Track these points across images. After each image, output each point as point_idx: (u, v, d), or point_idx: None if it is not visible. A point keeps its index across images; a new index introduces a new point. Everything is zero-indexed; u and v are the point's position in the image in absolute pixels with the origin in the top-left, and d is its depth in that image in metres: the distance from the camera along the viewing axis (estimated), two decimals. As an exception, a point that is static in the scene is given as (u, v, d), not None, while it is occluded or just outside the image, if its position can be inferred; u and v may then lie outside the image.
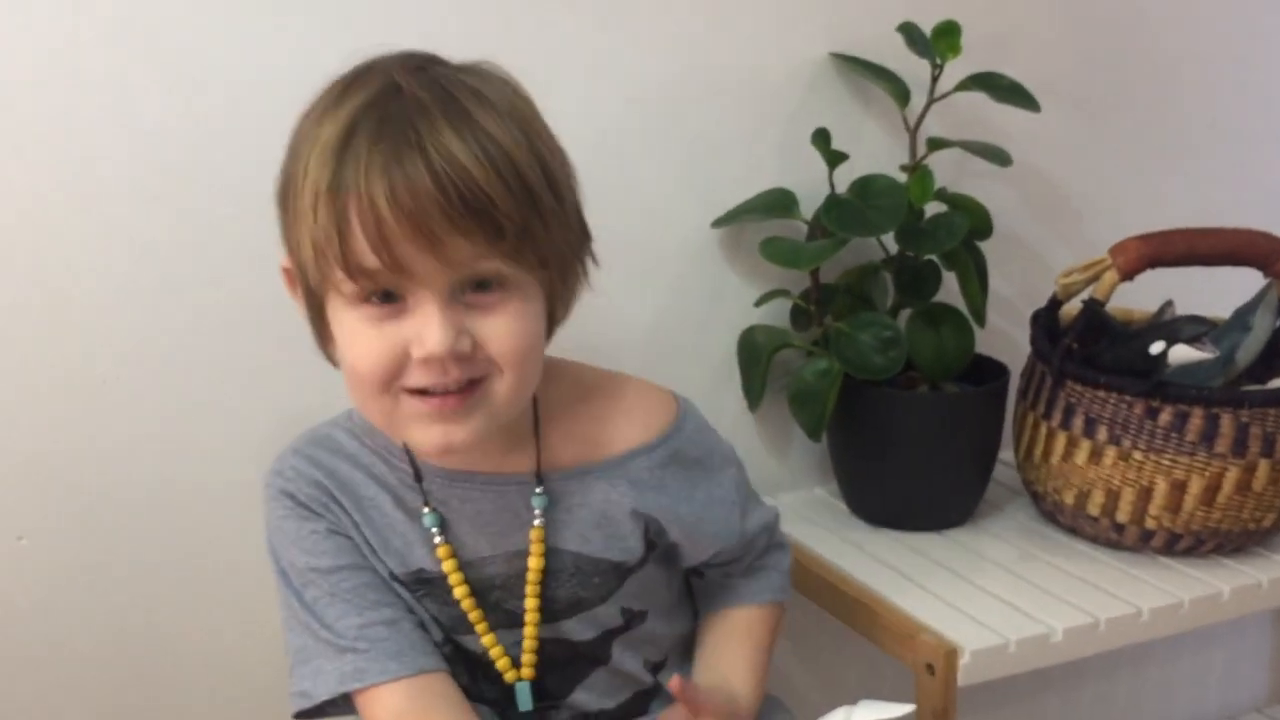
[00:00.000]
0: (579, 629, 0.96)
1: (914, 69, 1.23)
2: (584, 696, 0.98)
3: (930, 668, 1.04)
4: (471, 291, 0.80)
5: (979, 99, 1.22)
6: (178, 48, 1.04)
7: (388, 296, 0.79)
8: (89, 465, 1.09)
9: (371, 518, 0.92)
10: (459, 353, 0.79)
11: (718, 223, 1.24)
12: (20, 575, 1.09)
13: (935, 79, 1.22)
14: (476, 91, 0.80)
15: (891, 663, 1.12)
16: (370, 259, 0.76)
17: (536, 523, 0.92)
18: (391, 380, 0.80)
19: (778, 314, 1.30)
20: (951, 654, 1.04)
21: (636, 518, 0.93)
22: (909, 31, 1.21)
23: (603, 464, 0.94)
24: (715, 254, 1.28)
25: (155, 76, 1.03)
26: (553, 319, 0.89)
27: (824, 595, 1.18)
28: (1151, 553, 1.19)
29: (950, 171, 1.31)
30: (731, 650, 1.02)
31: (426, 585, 0.93)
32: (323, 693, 0.89)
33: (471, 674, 0.96)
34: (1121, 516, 1.17)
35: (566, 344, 1.08)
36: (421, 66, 0.82)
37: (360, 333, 0.80)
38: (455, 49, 0.86)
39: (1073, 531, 1.24)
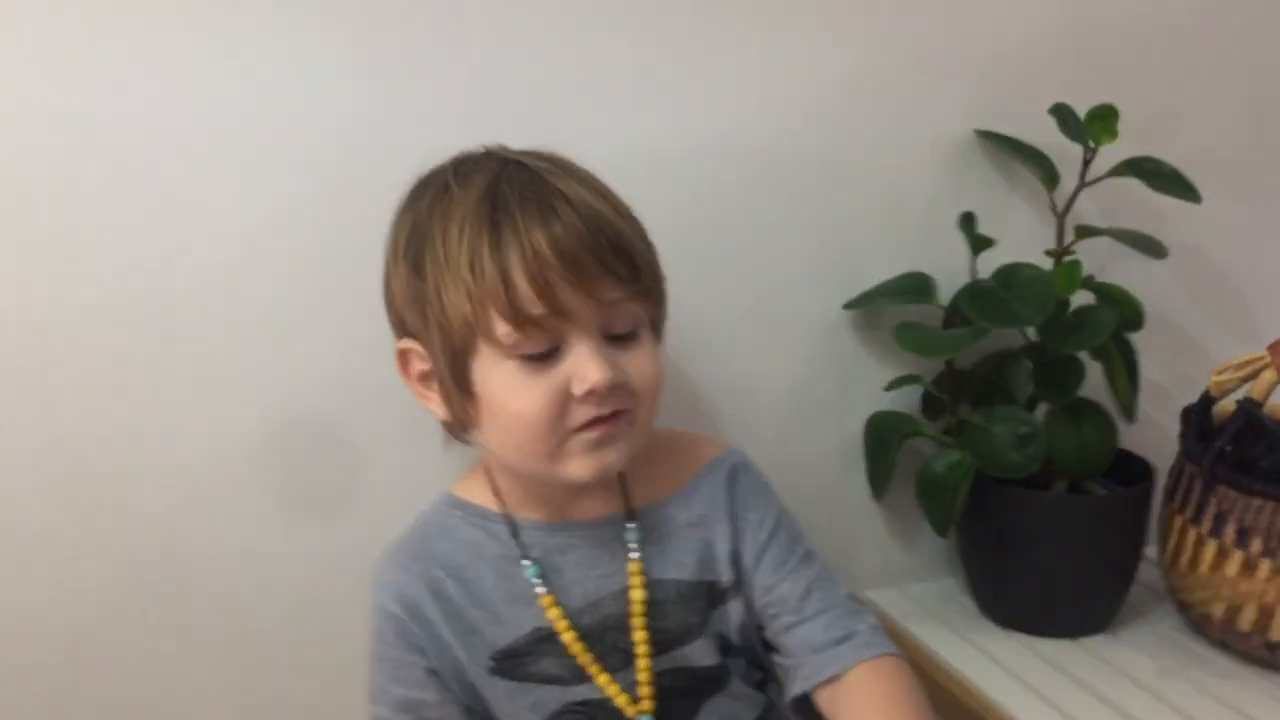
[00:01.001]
0: (697, 654, 0.98)
1: (1065, 148, 1.17)
2: None
3: (1055, 796, 0.99)
4: (612, 338, 0.89)
5: (1135, 181, 1.16)
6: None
7: (541, 356, 0.86)
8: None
9: (478, 596, 0.96)
10: (615, 383, 0.86)
11: (850, 305, 1.20)
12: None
13: (1087, 162, 1.16)
14: (564, 162, 0.91)
15: (1012, 783, 1.06)
16: (535, 305, 0.84)
17: (634, 556, 0.97)
18: (556, 421, 0.87)
19: (909, 399, 1.25)
20: (1078, 783, 0.98)
21: (720, 536, 0.99)
22: (1062, 114, 1.15)
23: (678, 494, 1.00)
24: (848, 334, 1.24)
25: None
26: None
27: (942, 702, 1.12)
28: (1308, 677, 1.11)
29: (1102, 254, 1.24)
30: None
31: (546, 642, 0.95)
32: None
33: None
34: (1275, 635, 1.09)
35: (694, 417, 1.07)
36: (516, 149, 0.92)
37: (521, 383, 0.86)
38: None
39: (1222, 646, 1.16)
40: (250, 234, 1.06)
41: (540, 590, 0.95)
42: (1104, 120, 1.12)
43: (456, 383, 0.89)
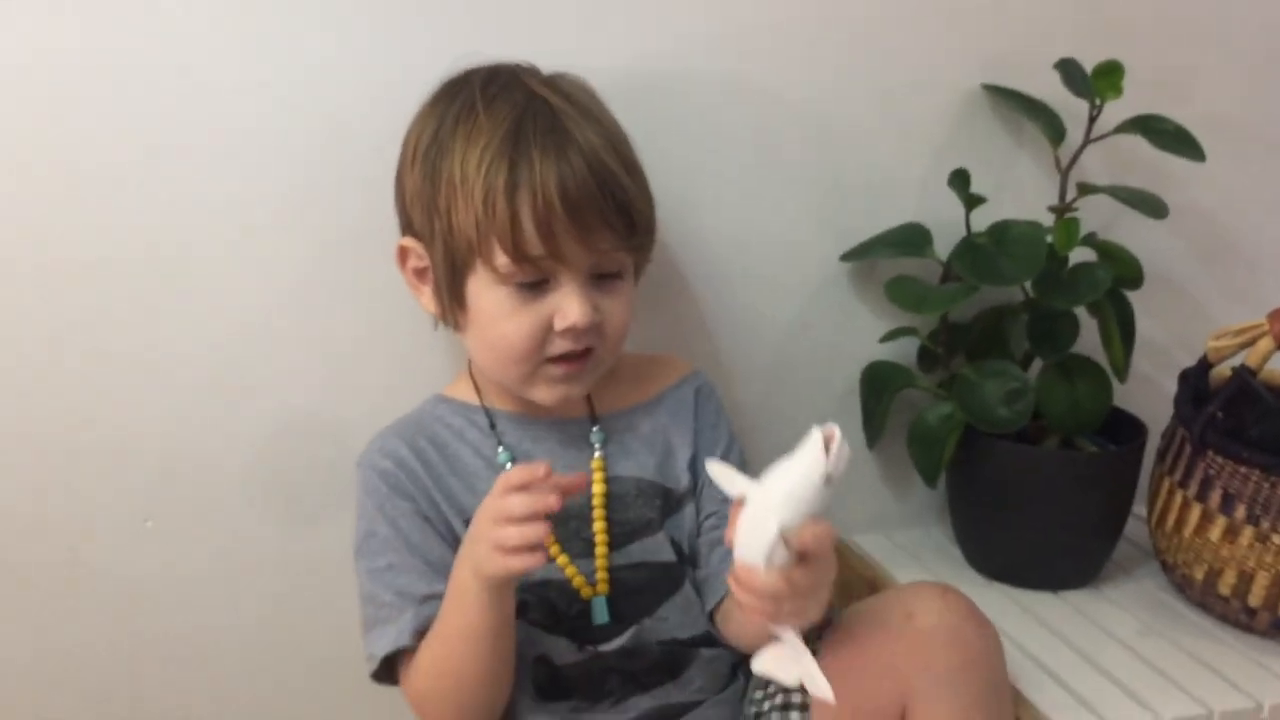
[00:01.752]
0: (654, 550, 1.04)
1: (1074, 105, 1.16)
2: (661, 624, 1.03)
3: (1020, 745, 1.00)
4: (598, 276, 0.96)
5: (1142, 139, 1.15)
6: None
7: (532, 285, 0.93)
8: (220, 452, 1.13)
9: (458, 469, 1.03)
10: (593, 324, 0.95)
11: (846, 256, 1.21)
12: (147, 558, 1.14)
13: (1093, 119, 1.15)
14: (587, 100, 0.98)
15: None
16: (536, 247, 0.91)
17: (596, 455, 1.04)
18: (536, 350, 0.95)
19: (906, 350, 1.26)
20: (1044, 734, 0.99)
21: (681, 446, 1.06)
22: (1067, 69, 1.14)
23: (645, 404, 1.08)
24: (845, 285, 1.25)
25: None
26: None
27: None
28: (1284, 642, 1.12)
29: (1106, 213, 1.24)
30: None
31: None
32: (383, 649, 0.96)
33: (552, 613, 1.01)
34: (1254, 600, 1.10)
35: (689, 359, 1.11)
36: (543, 78, 0.98)
37: (510, 308, 0.94)
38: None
39: (1201, 608, 1.17)
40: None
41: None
42: (1109, 76, 1.11)
43: (451, 292, 0.97)
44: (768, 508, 0.80)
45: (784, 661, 0.87)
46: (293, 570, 1.17)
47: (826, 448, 0.80)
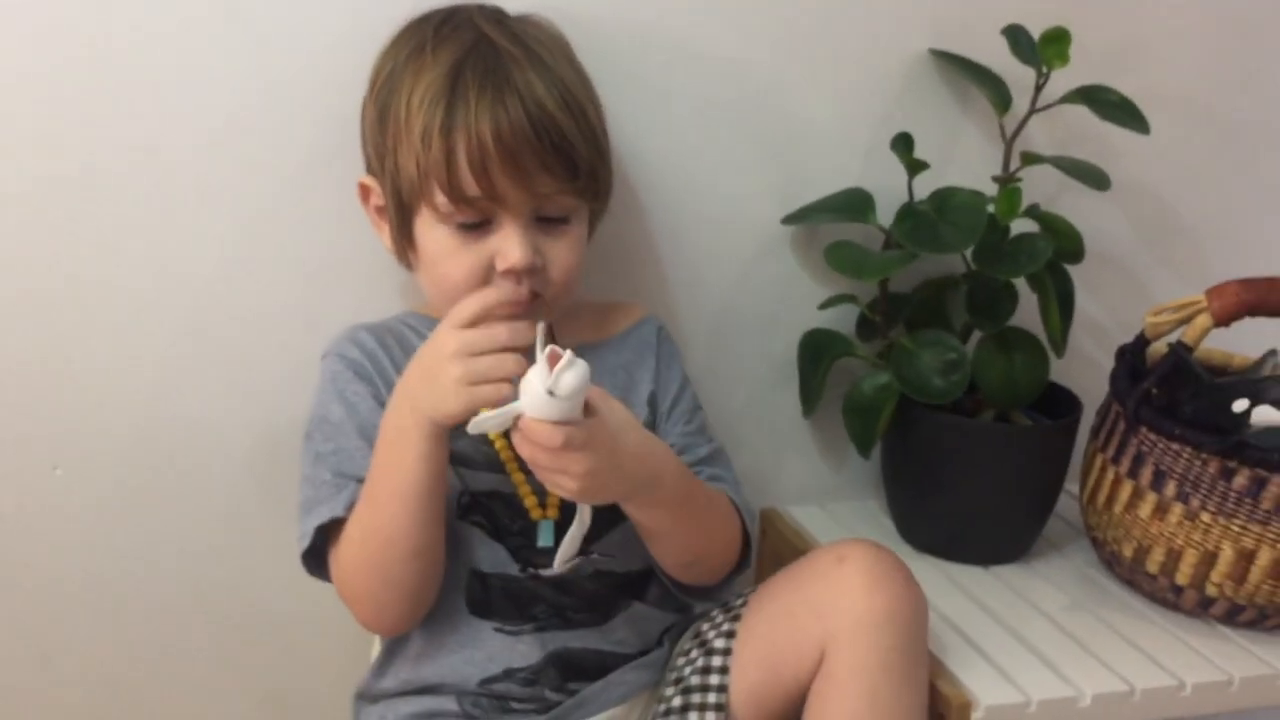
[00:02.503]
0: None
1: (1021, 73, 1.14)
2: (605, 555, 1.02)
3: (941, 719, 0.99)
4: (543, 219, 0.96)
5: (1088, 111, 1.14)
6: None
7: (474, 226, 0.94)
8: (129, 400, 1.10)
9: None
10: (534, 267, 0.95)
11: (788, 219, 1.19)
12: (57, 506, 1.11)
13: (1040, 88, 1.13)
14: (545, 44, 0.97)
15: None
16: (472, 188, 0.92)
17: None
18: (476, 289, 0.94)
19: (846, 319, 1.24)
20: (965, 707, 0.98)
21: (643, 381, 1.07)
22: (1014, 35, 1.13)
23: (610, 341, 1.09)
24: (785, 250, 1.23)
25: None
26: (588, 241, 1.04)
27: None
28: (1210, 620, 1.11)
29: (1051, 185, 1.22)
30: None
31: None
32: (314, 523, 0.95)
33: (494, 521, 1.00)
34: (1181, 579, 1.09)
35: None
36: (499, 19, 0.99)
37: (451, 248, 0.95)
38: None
39: (1129, 585, 1.16)
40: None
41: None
42: (1057, 44, 1.10)
43: (401, 230, 0.99)
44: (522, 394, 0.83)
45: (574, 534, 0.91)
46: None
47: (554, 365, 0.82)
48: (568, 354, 0.82)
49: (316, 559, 0.97)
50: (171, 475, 1.13)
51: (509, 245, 0.94)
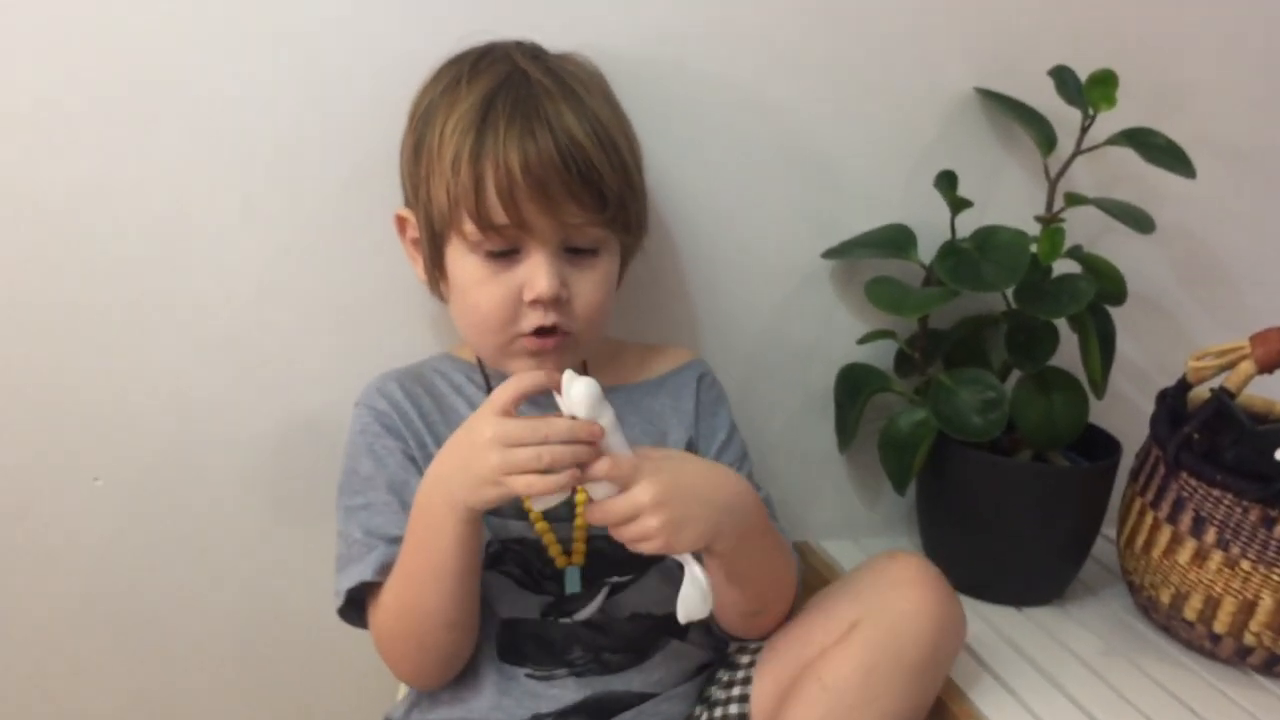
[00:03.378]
0: None
1: (1066, 114, 1.14)
2: (634, 597, 1.02)
3: (971, 763, 0.98)
4: (572, 250, 0.96)
5: (1133, 153, 1.13)
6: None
7: (505, 254, 0.94)
8: (168, 414, 1.11)
9: (451, 419, 1.03)
10: (561, 297, 0.95)
11: (829, 254, 1.19)
12: (96, 517, 1.12)
13: (1085, 129, 1.13)
14: (581, 79, 0.98)
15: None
16: (500, 215, 0.92)
17: None
18: (508, 323, 0.96)
19: (885, 354, 1.24)
20: (996, 752, 0.98)
21: (678, 428, 1.06)
22: (1061, 76, 1.13)
23: (645, 384, 1.09)
24: (825, 283, 1.23)
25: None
26: (621, 272, 1.04)
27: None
28: (1247, 670, 1.10)
29: (1094, 226, 1.22)
30: None
31: None
32: (347, 584, 0.96)
33: (525, 566, 1.01)
34: (1219, 627, 1.08)
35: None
36: (536, 55, 0.99)
37: (480, 277, 0.96)
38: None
39: (1165, 632, 1.15)
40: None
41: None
42: (1103, 86, 1.10)
43: (433, 260, 1.00)
44: None
45: (689, 594, 0.88)
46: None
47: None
48: (568, 373, 0.86)
49: (354, 611, 0.98)
50: (206, 492, 1.14)
51: (536, 274, 0.94)
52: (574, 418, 0.84)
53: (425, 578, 0.92)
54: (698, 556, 0.89)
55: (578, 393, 0.85)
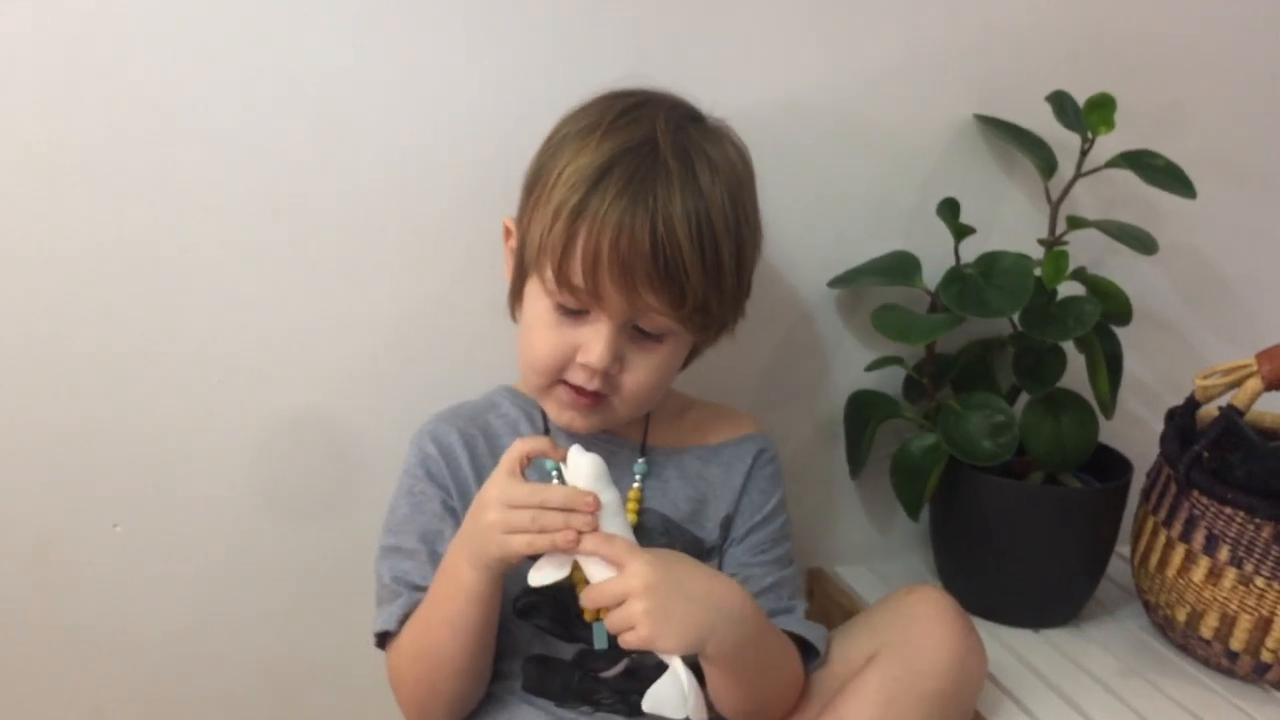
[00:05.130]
0: None
1: (1066, 138, 1.15)
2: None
3: (992, 786, 0.99)
4: (638, 329, 0.96)
5: (1133, 175, 1.14)
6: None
7: (575, 312, 0.95)
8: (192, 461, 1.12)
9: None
10: (610, 372, 0.96)
11: (834, 282, 1.20)
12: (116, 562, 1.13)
13: (1085, 152, 1.14)
14: (713, 163, 0.95)
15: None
16: (578, 279, 0.92)
17: (636, 484, 1.04)
18: (556, 371, 0.97)
19: (893, 380, 1.24)
20: (1017, 774, 0.98)
21: (718, 500, 1.05)
22: (1059, 102, 1.14)
23: (700, 449, 1.08)
24: (832, 312, 1.24)
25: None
26: (690, 360, 1.05)
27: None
28: (1265, 687, 1.10)
29: (1097, 248, 1.23)
30: None
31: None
32: (383, 625, 0.98)
33: (555, 617, 1.01)
34: (1235, 644, 1.08)
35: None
36: (680, 125, 0.96)
37: (546, 322, 0.96)
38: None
39: (1182, 650, 1.15)
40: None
41: (554, 476, 1.00)
42: (1102, 110, 1.11)
43: (515, 283, 1.02)
44: None
45: (665, 691, 0.87)
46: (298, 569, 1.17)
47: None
48: (575, 447, 0.89)
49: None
50: (229, 538, 1.14)
51: (594, 343, 0.94)
52: (564, 479, 0.87)
53: (440, 627, 0.94)
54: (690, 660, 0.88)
55: (581, 466, 0.88)
